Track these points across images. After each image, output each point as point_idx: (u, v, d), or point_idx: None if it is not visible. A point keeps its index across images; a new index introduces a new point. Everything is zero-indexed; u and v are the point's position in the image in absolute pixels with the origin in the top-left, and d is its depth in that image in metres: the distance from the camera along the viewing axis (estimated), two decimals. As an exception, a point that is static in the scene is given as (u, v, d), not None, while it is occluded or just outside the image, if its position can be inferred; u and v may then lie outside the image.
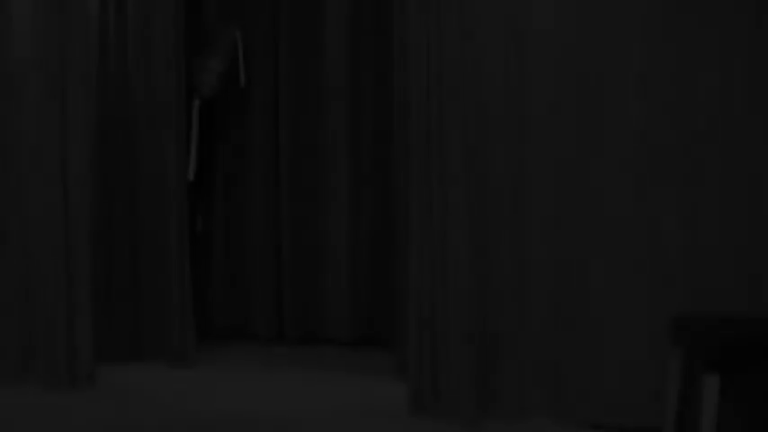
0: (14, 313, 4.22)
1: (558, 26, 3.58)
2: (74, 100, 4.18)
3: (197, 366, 4.60)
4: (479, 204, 3.68)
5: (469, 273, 3.64)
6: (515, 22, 3.63)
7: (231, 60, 4.91)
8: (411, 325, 3.78)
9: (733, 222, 3.42)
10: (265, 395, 4.11)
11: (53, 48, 4.12)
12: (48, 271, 4.14)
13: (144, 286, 4.69)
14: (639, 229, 3.50)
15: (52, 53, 4.12)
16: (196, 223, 5.12)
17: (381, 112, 4.97)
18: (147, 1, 4.62)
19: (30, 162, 4.24)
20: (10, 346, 4.22)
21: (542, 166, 3.60)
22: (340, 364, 4.67)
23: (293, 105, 5.09)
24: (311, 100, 5.13)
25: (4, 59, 4.19)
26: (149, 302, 4.69)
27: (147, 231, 4.68)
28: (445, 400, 3.68)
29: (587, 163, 3.57)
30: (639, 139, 3.50)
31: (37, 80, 4.19)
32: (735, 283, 3.41)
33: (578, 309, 3.59)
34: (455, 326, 3.64)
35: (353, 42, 5.02)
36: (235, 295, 5.30)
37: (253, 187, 5.28)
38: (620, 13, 3.52)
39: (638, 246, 3.50)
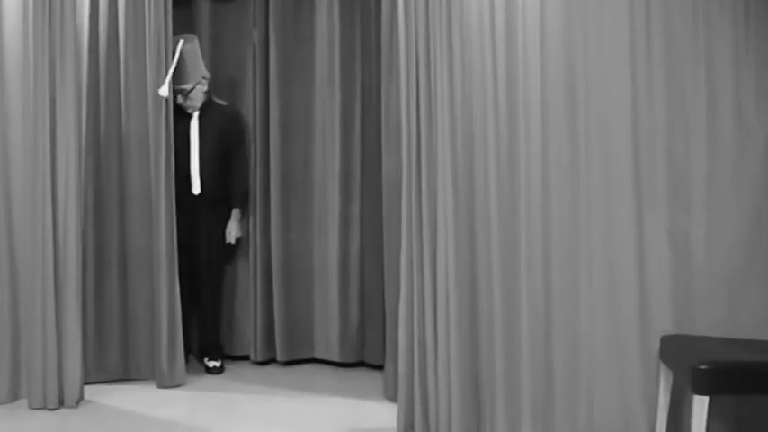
0: (4, 334, 4.20)
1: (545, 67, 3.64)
2: (63, 123, 4.19)
3: (186, 387, 4.59)
4: (468, 230, 3.71)
5: (459, 297, 3.66)
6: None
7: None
8: (401, 348, 3.79)
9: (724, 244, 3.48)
10: (255, 416, 4.10)
11: (43, 65, 4.14)
12: (37, 293, 4.12)
13: (133, 306, 4.68)
14: (630, 252, 3.55)
15: (42, 70, 4.14)
16: (223, 236, 5.10)
17: (372, 136, 4.99)
18: (138, 22, 4.65)
19: (19, 180, 4.25)
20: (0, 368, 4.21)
21: (532, 190, 3.64)
22: (330, 386, 4.66)
23: (284, 132, 5.11)
24: (302, 127, 5.15)
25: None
26: (138, 322, 4.69)
27: (136, 251, 4.68)
28: (435, 423, 3.69)
29: (577, 186, 3.61)
30: (630, 164, 3.56)
31: (26, 104, 4.20)
32: (726, 303, 3.46)
33: (569, 330, 3.61)
34: (444, 350, 3.66)
35: (343, 72, 5.05)
36: (225, 316, 5.29)
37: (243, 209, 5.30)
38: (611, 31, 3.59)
39: (628, 267, 3.54)
